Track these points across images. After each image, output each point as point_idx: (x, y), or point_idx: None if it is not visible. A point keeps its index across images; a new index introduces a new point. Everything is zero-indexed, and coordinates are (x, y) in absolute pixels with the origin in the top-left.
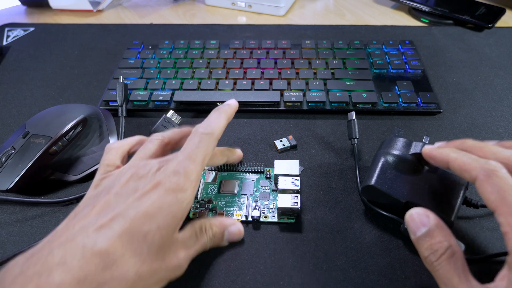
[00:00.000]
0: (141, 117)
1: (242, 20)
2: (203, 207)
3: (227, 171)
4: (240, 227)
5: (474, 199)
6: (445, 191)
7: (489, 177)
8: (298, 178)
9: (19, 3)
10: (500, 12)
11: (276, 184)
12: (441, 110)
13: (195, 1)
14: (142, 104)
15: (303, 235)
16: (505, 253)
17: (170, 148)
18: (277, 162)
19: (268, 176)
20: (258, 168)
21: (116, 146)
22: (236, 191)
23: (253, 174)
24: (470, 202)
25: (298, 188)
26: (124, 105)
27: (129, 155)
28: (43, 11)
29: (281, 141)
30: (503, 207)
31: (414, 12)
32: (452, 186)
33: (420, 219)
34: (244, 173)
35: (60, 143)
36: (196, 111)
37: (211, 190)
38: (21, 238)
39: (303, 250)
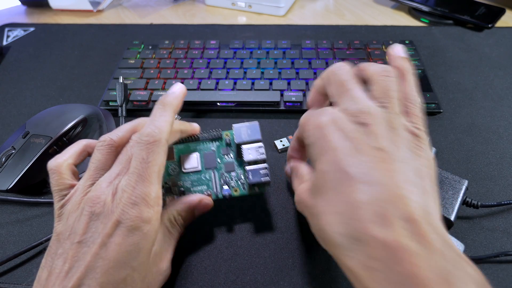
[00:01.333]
0: (141, 117)
1: (242, 20)
2: (169, 192)
3: (182, 142)
4: (207, 200)
5: (474, 199)
6: (445, 191)
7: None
8: (262, 143)
9: (19, 3)
10: (500, 12)
11: (240, 155)
12: (441, 110)
13: (195, 1)
14: (142, 104)
15: (303, 235)
16: (505, 253)
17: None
18: (236, 128)
19: (228, 142)
20: (216, 134)
21: (57, 165)
22: (199, 167)
23: (210, 142)
24: (470, 202)
25: (264, 156)
26: (124, 105)
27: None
28: (43, 11)
29: (281, 141)
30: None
31: (414, 12)
32: (452, 186)
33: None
34: (202, 142)
35: (60, 143)
36: (196, 111)
37: (172, 169)
38: (21, 238)
39: (303, 250)
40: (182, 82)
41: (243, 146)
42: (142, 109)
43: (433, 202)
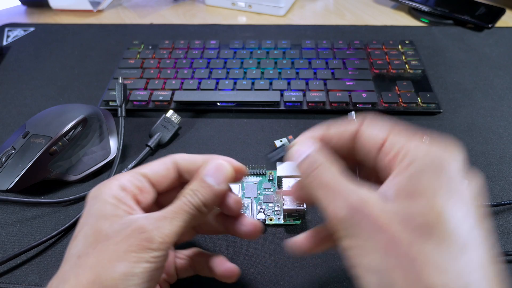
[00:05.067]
0: (141, 117)
1: (242, 20)
2: None
3: None
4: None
5: None
6: None
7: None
8: None
9: (19, 3)
10: (500, 12)
11: (279, 186)
12: (441, 110)
13: (195, 1)
14: (142, 104)
15: None
16: (505, 253)
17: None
18: (279, 164)
19: (270, 178)
20: (260, 170)
21: None
22: (239, 195)
23: (255, 176)
24: None
25: None
26: (123, 105)
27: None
28: (43, 11)
29: (281, 141)
30: None
31: (414, 12)
32: None
33: (303, 148)
34: (247, 176)
35: (60, 143)
36: (196, 111)
37: None
38: (21, 238)
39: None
40: (182, 82)
41: (284, 179)
42: (142, 109)
43: None
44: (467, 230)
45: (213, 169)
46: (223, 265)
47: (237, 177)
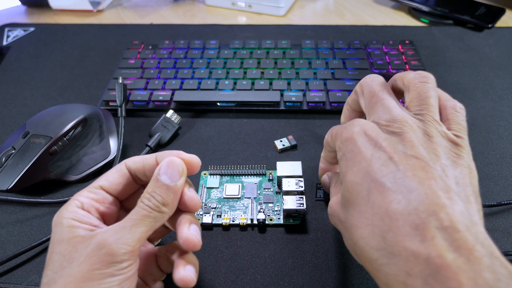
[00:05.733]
0: (141, 117)
1: (242, 20)
2: (208, 212)
3: (229, 175)
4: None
5: None
6: None
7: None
8: (302, 179)
9: (19, 3)
10: (500, 12)
11: (279, 186)
12: None
13: (195, 1)
14: (142, 104)
15: (303, 235)
16: (505, 253)
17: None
18: (279, 164)
19: (270, 178)
20: (260, 170)
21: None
22: (239, 195)
23: (255, 176)
24: None
25: (302, 189)
26: (123, 105)
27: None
28: (43, 11)
29: (281, 141)
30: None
31: (414, 12)
32: None
33: (324, 181)
34: (247, 176)
35: (60, 143)
36: (196, 111)
37: (214, 194)
38: (21, 238)
39: (303, 250)
40: (182, 82)
41: (284, 179)
42: (142, 109)
43: (476, 212)
44: (362, 192)
45: (164, 167)
46: (179, 273)
47: (191, 169)
